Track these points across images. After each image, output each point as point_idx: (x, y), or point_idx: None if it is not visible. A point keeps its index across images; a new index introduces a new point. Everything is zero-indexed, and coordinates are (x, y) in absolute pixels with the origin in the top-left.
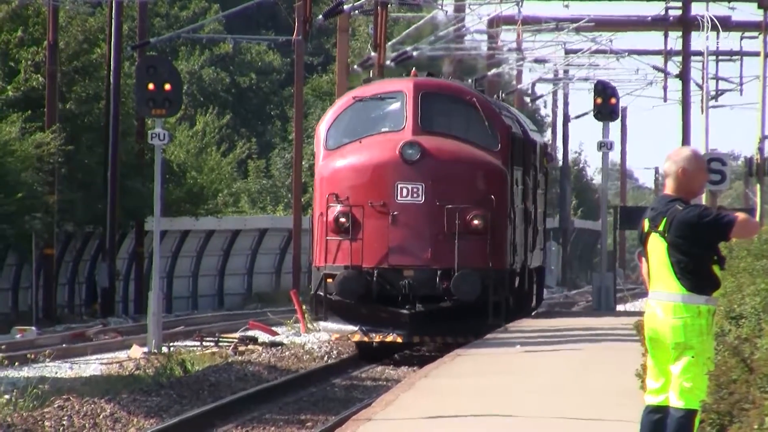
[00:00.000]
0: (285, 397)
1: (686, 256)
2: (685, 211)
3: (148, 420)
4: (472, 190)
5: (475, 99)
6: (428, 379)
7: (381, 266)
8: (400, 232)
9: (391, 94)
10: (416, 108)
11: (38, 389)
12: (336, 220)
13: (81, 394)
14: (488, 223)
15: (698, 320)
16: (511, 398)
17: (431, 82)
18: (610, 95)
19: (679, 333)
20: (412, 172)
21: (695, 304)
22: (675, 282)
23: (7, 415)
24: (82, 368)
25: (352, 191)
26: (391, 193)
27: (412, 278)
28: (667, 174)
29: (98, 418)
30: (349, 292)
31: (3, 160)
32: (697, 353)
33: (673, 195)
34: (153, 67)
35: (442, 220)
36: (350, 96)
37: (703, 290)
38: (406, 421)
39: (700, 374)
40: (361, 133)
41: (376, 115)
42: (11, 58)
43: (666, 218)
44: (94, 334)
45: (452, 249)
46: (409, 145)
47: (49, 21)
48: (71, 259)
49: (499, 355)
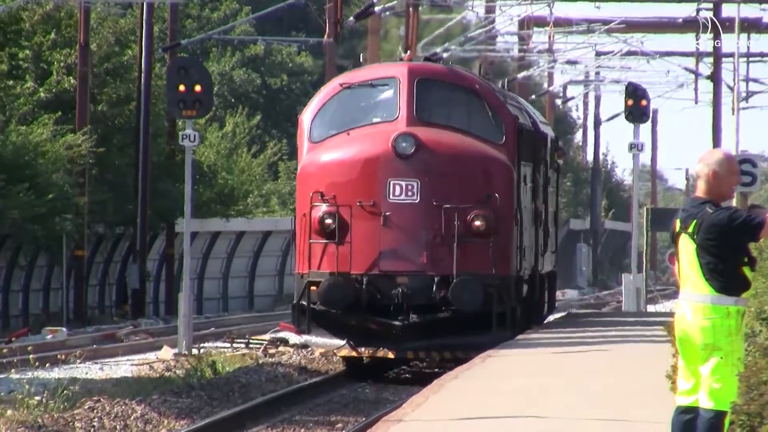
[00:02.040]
0: (315, 398)
1: (715, 257)
2: (715, 213)
3: (179, 421)
4: (474, 188)
5: (477, 86)
6: (458, 380)
7: (371, 273)
8: (392, 234)
9: (383, 80)
10: (411, 96)
11: (69, 390)
12: (321, 222)
13: (111, 396)
14: (491, 224)
15: (727, 321)
16: (541, 399)
17: (428, 68)
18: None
19: (708, 334)
20: (406, 167)
21: (724, 305)
22: (704, 283)
23: (37, 416)
24: (113, 369)
25: (339, 189)
26: (382, 192)
27: (406, 286)
28: (699, 176)
29: (129, 419)
30: (335, 302)
31: (34, 162)
32: (726, 354)
33: (704, 197)
34: (184, 69)
35: (439, 221)
36: (337, 82)
37: (732, 291)
38: (437, 423)
39: (729, 375)
40: (350, 124)
41: (366, 103)
42: (43, 60)
43: (696, 220)
44: (124, 336)
45: (451, 253)
46: (403, 138)
47: (81, 23)
48: (102, 260)
49: (529, 356)
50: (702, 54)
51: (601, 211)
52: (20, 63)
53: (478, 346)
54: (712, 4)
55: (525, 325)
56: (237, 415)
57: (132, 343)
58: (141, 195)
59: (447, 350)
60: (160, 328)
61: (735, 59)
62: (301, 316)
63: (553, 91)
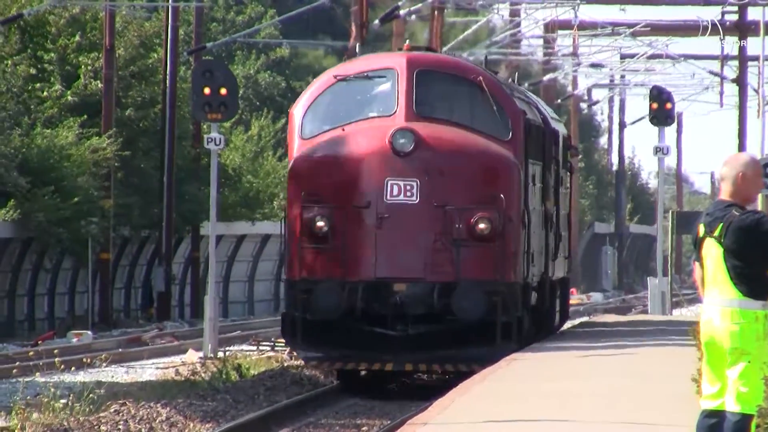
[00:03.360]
0: (340, 401)
1: (743, 261)
2: (743, 216)
3: (204, 424)
4: (478, 188)
5: (481, 78)
6: (484, 383)
7: (367, 279)
8: (389, 238)
9: (379, 71)
10: (410, 88)
11: (94, 394)
12: (313, 224)
13: (137, 399)
14: (496, 227)
15: (755, 325)
16: (566, 403)
17: (428, 58)
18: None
19: (736, 338)
20: (404, 166)
21: (752, 309)
22: (732, 287)
23: (63, 419)
24: (138, 373)
25: (333, 189)
26: (379, 192)
27: (405, 294)
28: (725, 179)
29: (154, 422)
30: (328, 311)
31: (59, 165)
32: (753, 358)
33: (730, 200)
34: (209, 72)
35: (440, 223)
36: (331, 74)
37: (760, 295)
38: (462, 425)
39: (756, 379)
40: (344, 119)
41: (361, 97)
42: (68, 63)
43: (722, 223)
44: (150, 339)
45: (452, 258)
46: (401, 134)
47: (106, 26)
48: (127, 263)
49: (555, 359)
50: (727, 57)
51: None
52: (46, 66)
53: (481, 358)
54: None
55: (534, 336)
56: (262, 419)
57: (157, 347)
58: (166, 198)
59: (448, 363)
60: (185, 331)
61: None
62: (291, 326)
63: (577, 94)
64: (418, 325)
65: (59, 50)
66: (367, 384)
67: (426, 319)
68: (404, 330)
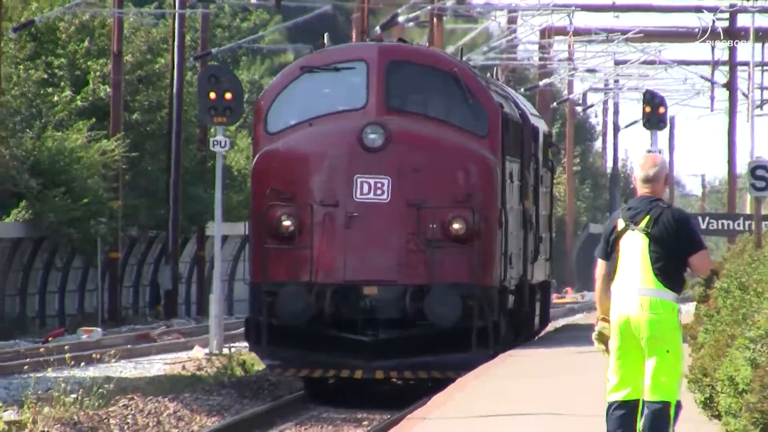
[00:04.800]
0: (343, 396)
1: (666, 251)
2: (672, 210)
3: (210, 418)
4: (452, 186)
5: (456, 70)
6: (480, 379)
7: (335, 282)
8: (359, 238)
9: (349, 63)
10: (381, 81)
11: (103, 389)
12: (278, 223)
13: (145, 394)
14: (472, 227)
15: (672, 315)
16: (560, 398)
17: (401, 49)
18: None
19: (656, 327)
20: (374, 162)
21: (670, 300)
22: (653, 278)
23: (73, 413)
24: (146, 368)
25: (299, 187)
26: (348, 190)
27: (375, 297)
28: (652, 177)
29: (162, 416)
30: (295, 315)
31: (70, 167)
32: (671, 348)
33: (653, 196)
34: (214, 77)
35: (413, 223)
36: (297, 66)
37: (676, 289)
38: (460, 420)
39: (675, 368)
40: (311, 113)
41: (330, 90)
42: (78, 68)
43: (650, 216)
44: (157, 335)
45: (426, 261)
46: (372, 128)
47: (114, 32)
48: (135, 262)
49: (549, 356)
50: (718, 63)
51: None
52: (56, 71)
53: (456, 365)
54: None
55: (512, 342)
56: (266, 413)
57: (165, 343)
58: (173, 199)
59: (421, 370)
60: (191, 328)
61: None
62: (256, 331)
63: (573, 98)
64: (389, 331)
65: (69, 56)
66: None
67: (398, 324)
68: (375, 335)
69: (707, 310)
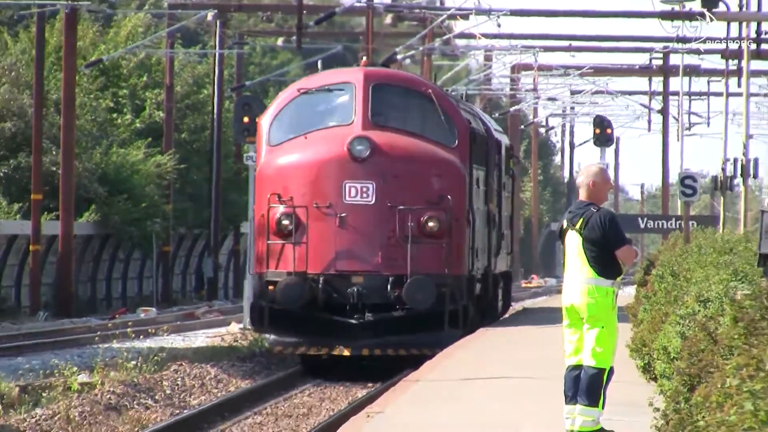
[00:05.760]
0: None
1: (597, 247)
2: (598, 213)
3: (244, 381)
4: (427, 190)
5: (430, 91)
6: (462, 350)
7: (327, 272)
8: (348, 235)
9: (339, 85)
10: (366, 100)
11: (158, 357)
12: (278, 222)
13: (191, 361)
14: (444, 225)
15: (606, 299)
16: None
17: (383, 73)
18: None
19: (593, 309)
20: (361, 170)
21: (604, 286)
22: (589, 268)
23: (133, 376)
24: (192, 340)
25: (296, 191)
26: (338, 193)
27: (362, 285)
28: (581, 185)
29: (205, 379)
30: (292, 301)
31: (130, 178)
32: (605, 325)
33: (587, 201)
34: (247, 105)
35: (393, 222)
36: (294, 88)
37: (610, 276)
38: (449, 382)
39: (609, 341)
40: (307, 128)
41: (322, 108)
42: (138, 97)
43: (582, 218)
44: (201, 314)
45: (405, 254)
46: (358, 141)
47: (167, 68)
48: (183, 254)
49: (515, 332)
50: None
51: None
52: (120, 100)
53: (431, 343)
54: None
55: (479, 322)
56: (289, 376)
57: (207, 320)
58: (214, 203)
59: (401, 348)
60: (229, 307)
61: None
62: (259, 315)
63: (537, 121)
64: (373, 314)
65: (130, 87)
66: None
67: (381, 309)
68: (361, 318)
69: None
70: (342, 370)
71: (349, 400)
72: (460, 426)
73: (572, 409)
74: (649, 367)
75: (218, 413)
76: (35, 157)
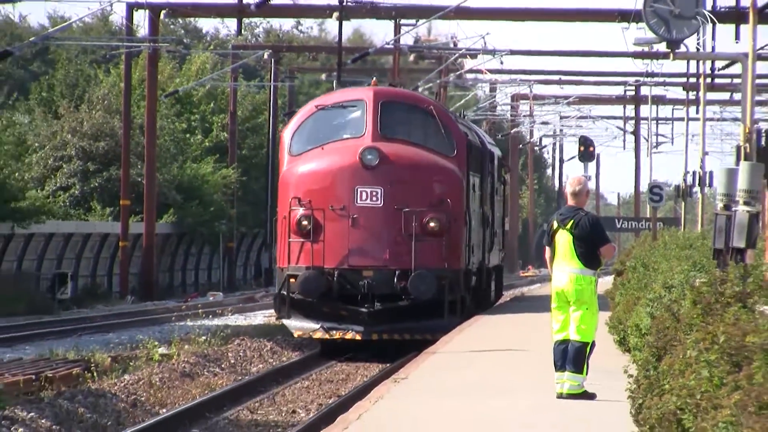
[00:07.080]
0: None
1: (584, 243)
2: (588, 216)
3: (294, 352)
4: (429, 194)
5: (432, 107)
6: (473, 327)
7: (341, 267)
8: (359, 234)
9: (352, 102)
10: (376, 116)
11: (224, 332)
12: (298, 223)
13: (251, 336)
14: (444, 225)
15: (590, 286)
16: (523, 339)
17: (390, 91)
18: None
19: (579, 294)
20: (371, 176)
21: (588, 275)
22: (576, 261)
23: (204, 348)
24: (252, 319)
25: (314, 195)
26: (351, 197)
27: (371, 278)
28: (576, 193)
29: (262, 351)
30: (310, 292)
31: (201, 187)
32: (589, 306)
33: (576, 206)
34: None
35: (399, 222)
36: (313, 104)
37: (593, 267)
38: (461, 354)
39: (591, 320)
40: (323, 140)
41: (337, 122)
42: (207, 121)
43: (573, 220)
44: (259, 297)
45: (409, 250)
46: (369, 151)
47: (231, 97)
48: (245, 249)
49: (509, 318)
50: (628, 118)
51: None
52: (192, 123)
53: (432, 329)
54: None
55: (474, 310)
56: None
57: (264, 303)
58: (269, 208)
59: (407, 333)
60: None
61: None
62: (282, 304)
63: (533, 141)
64: (382, 303)
65: (200, 113)
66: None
67: (388, 299)
68: (371, 307)
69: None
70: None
71: (380, 368)
72: (470, 387)
73: (561, 376)
74: (624, 341)
75: (273, 379)
76: (124, 170)
